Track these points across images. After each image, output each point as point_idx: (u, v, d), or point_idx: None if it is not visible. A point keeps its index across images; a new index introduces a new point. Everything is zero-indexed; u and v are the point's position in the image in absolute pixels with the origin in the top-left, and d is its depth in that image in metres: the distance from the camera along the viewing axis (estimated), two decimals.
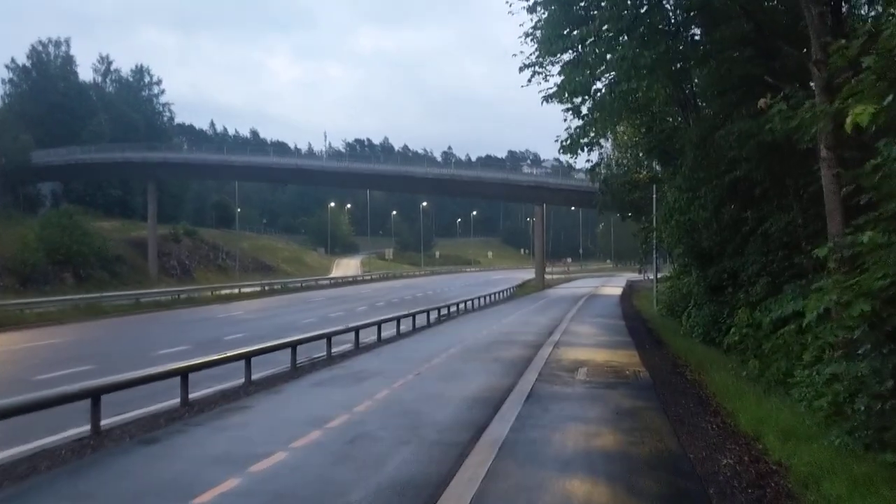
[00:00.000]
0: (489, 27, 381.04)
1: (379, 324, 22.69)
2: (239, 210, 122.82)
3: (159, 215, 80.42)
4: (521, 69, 20.87)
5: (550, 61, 19.79)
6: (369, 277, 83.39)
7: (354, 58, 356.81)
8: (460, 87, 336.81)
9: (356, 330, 20.46)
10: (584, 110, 18.01)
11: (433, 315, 30.40)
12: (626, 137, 37.58)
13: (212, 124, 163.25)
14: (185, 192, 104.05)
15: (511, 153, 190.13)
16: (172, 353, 18.88)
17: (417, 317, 27.88)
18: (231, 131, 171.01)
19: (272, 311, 37.55)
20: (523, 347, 19.25)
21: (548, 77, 20.72)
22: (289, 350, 16.30)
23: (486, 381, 13.45)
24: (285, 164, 69.94)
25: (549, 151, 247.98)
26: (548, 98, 16.06)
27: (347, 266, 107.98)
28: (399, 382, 13.48)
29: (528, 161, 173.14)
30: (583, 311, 36.89)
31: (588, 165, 54.92)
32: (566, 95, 15.85)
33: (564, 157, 21.75)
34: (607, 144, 39.45)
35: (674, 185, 18.01)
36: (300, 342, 16.67)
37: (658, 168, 34.96)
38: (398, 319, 24.77)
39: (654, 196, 38.31)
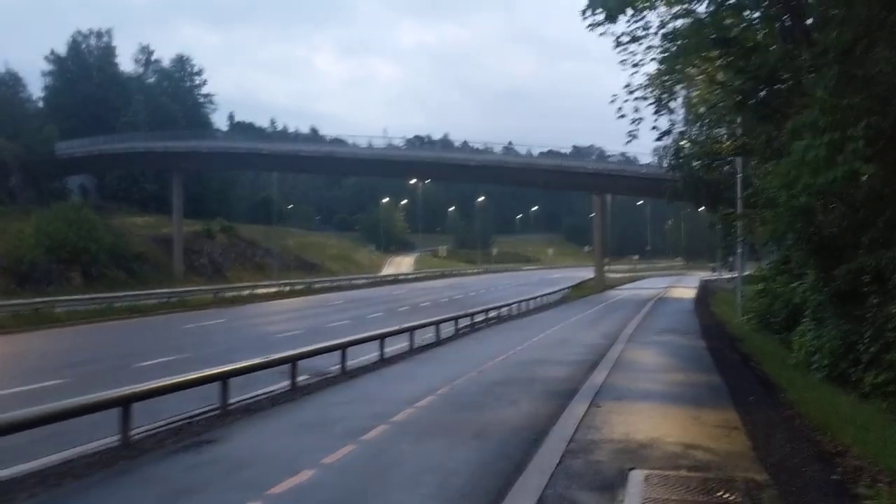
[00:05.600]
0: (536, 20, 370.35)
1: (343, 348, 15.49)
2: (291, 206, 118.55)
3: (199, 211, 75.95)
4: None
5: None
6: (413, 276, 76.62)
7: (398, 53, 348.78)
8: (514, 82, 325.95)
9: (289, 363, 13.23)
10: None
11: (449, 327, 23.17)
12: (702, 109, 29.70)
13: (272, 122, 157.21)
14: (229, 188, 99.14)
15: (576, 148, 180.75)
16: None
17: (423, 332, 20.83)
18: (291, 129, 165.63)
19: (266, 318, 31.13)
20: (542, 400, 11.63)
21: None
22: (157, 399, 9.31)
23: None
24: (315, 151, 63.18)
25: (615, 146, 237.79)
26: None
27: (400, 264, 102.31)
28: None
29: (594, 157, 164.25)
30: (647, 322, 28.84)
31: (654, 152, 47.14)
32: None
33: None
34: (678, 107, 31.38)
35: (803, 123, 10.24)
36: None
37: (745, 137, 26.99)
38: (381, 339, 17.54)
39: (739, 176, 30.28)
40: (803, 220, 16.55)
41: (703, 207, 41.17)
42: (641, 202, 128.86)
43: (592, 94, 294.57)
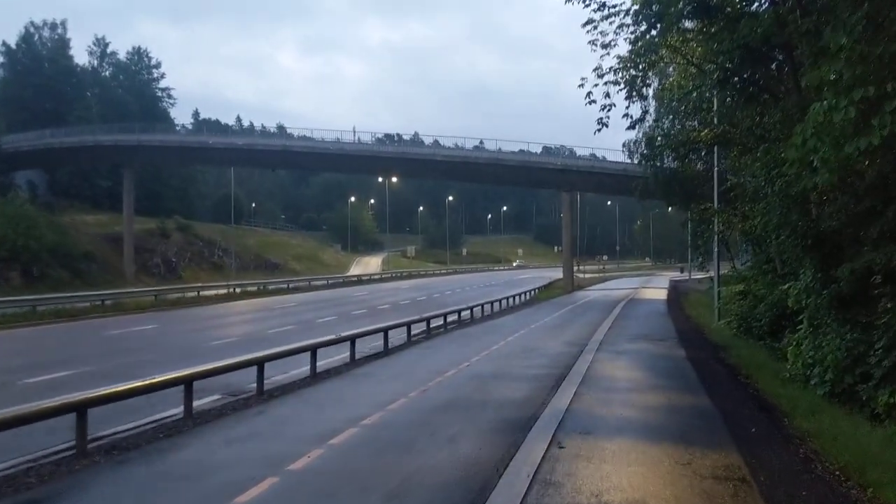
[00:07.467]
0: (501, 18, 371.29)
1: (259, 363, 12.94)
2: (255, 205, 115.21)
3: (157, 209, 73.25)
4: None
5: None
6: (378, 277, 74.07)
7: (363, 51, 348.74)
8: (481, 80, 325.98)
9: (180, 385, 10.65)
10: None
11: (401, 333, 20.75)
12: (676, 98, 27.62)
13: (237, 119, 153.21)
14: (189, 185, 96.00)
15: (545, 147, 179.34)
16: None
17: (371, 339, 18.47)
18: (258, 126, 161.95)
19: (205, 323, 28.61)
20: (489, 435, 9.07)
21: None
22: None
23: None
24: (271, 145, 60.47)
25: (583, 145, 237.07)
26: None
27: (368, 264, 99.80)
28: None
29: (563, 156, 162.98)
30: (620, 326, 26.60)
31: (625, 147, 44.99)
32: None
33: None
34: (651, 96, 29.42)
35: (822, 80, 7.94)
36: None
37: (723, 125, 24.93)
38: (312, 350, 15.01)
39: (716, 168, 28.29)
40: (799, 212, 14.46)
41: (675, 205, 39.31)
42: (610, 202, 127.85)
43: (559, 94, 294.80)
